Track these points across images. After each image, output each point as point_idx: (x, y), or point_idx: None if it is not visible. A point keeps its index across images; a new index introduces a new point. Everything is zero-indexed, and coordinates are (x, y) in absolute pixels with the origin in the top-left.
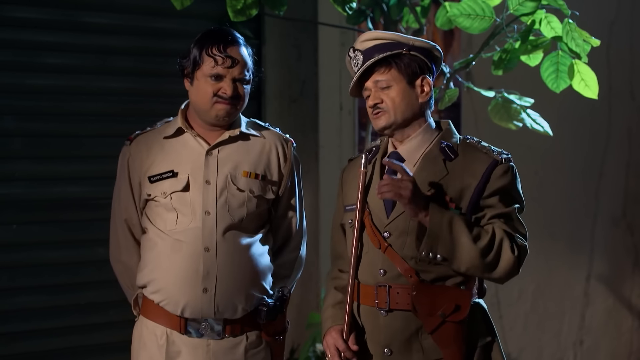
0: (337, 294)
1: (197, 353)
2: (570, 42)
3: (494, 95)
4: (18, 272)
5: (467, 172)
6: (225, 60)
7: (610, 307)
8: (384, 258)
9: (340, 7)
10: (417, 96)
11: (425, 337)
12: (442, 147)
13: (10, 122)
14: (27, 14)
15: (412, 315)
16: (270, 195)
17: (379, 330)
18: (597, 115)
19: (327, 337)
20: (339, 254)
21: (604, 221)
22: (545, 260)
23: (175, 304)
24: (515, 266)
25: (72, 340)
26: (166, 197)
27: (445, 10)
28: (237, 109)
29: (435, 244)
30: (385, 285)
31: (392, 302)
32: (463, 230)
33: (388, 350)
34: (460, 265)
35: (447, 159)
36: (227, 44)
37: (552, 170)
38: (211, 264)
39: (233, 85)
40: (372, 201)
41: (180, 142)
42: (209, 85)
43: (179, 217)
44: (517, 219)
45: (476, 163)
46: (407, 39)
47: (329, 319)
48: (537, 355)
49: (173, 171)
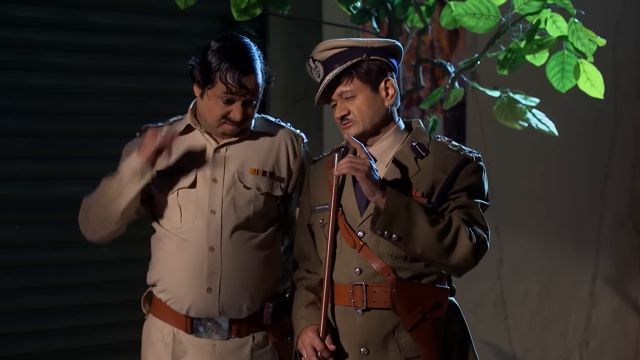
0: (308, 294)
1: (203, 353)
2: (576, 42)
3: (499, 95)
4: (21, 272)
5: (438, 168)
6: (239, 90)
7: (616, 308)
8: (359, 257)
9: (345, 6)
10: (382, 100)
11: (402, 335)
12: (413, 146)
13: (13, 122)
14: (30, 13)
15: (389, 313)
16: (278, 192)
17: (354, 329)
18: (602, 115)
19: (303, 336)
20: (306, 255)
21: (610, 221)
22: (550, 260)
23: (181, 303)
24: (472, 254)
25: (75, 340)
26: (173, 192)
27: (450, 10)
28: (244, 127)
29: (391, 223)
30: (361, 284)
31: (369, 300)
32: (420, 212)
33: (365, 349)
34: (417, 246)
35: (418, 157)
36: (243, 72)
37: (558, 170)
38: (215, 264)
39: (243, 109)
40: (345, 201)
41: (190, 139)
42: (219, 107)
43: (183, 214)
44: (479, 213)
45: (448, 160)
46: (365, 42)
47: (303, 318)
48: (543, 356)
49: (182, 168)
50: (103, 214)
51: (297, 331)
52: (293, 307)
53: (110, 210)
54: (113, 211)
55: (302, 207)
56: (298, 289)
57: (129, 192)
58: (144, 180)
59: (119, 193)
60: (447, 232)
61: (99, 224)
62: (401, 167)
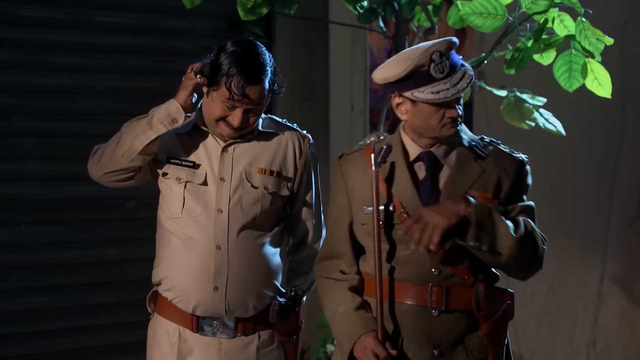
0: (354, 297)
1: (209, 352)
2: (583, 41)
3: (506, 94)
4: (28, 272)
5: (500, 169)
6: (242, 98)
7: (623, 308)
8: (433, 258)
9: (352, 5)
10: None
11: (471, 337)
12: (472, 147)
13: (21, 122)
14: (38, 13)
15: (462, 315)
16: (285, 191)
17: (429, 329)
18: (610, 115)
19: (363, 343)
20: (338, 254)
21: (618, 221)
22: (558, 260)
23: (187, 302)
24: (542, 259)
25: (82, 340)
26: (181, 182)
27: (457, 9)
28: (243, 132)
29: (481, 234)
30: (442, 285)
31: (451, 302)
32: (501, 220)
33: (438, 351)
34: (502, 254)
35: (478, 158)
36: (248, 82)
37: (565, 170)
38: (222, 262)
39: (244, 116)
40: (405, 200)
41: (199, 137)
42: (220, 109)
43: (186, 206)
44: (534, 216)
45: (506, 162)
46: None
47: (358, 324)
48: (550, 356)
49: (194, 163)
50: (120, 150)
51: (352, 336)
52: (331, 308)
53: (128, 145)
54: (130, 147)
55: (339, 207)
56: (336, 289)
57: (152, 133)
58: (175, 125)
59: (142, 131)
60: (527, 239)
61: (111, 159)
62: (465, 169)
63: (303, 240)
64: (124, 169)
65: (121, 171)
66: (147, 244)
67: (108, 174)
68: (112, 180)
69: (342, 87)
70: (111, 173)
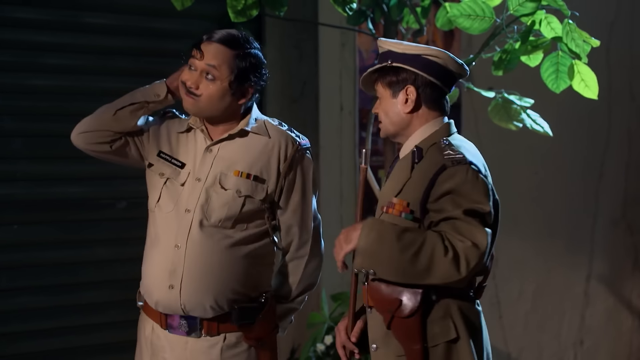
0: None
1: (177, 349)
2: (570, 43)
3: (494, 95)
4: (18, 272)
5: (422, 176)
6: (197, 52)
7: (610, 308)
8: None
9: (341, 7)
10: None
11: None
12: (413, 151)
13: (11, 123)
14: (28, 15)
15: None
16: (260, 195)
17: (368, 326)
18: (596, 116)
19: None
20: None
21: (604, 221)
22: (545, 260)
23: (151, 298)
24: (454, 268)
25: (72, 340)
26: (162, 178)
27: (445, 11)
28: (199, 106)
29: (364, 262)
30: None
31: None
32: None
33: (374, 346)
34: (391, 276)
35: (414, 163)
36: (208, 39)
37: (552, 171)
38: (178, 262)
39: (198, 78)
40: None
41: (194, 137)
42: (186, 73)
43: (161, 201)
44: (466, 222)
45: (431, 167)
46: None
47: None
48: (537, 355)
49: (182, 163)
50: (98, 113)
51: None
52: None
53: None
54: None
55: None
56: None
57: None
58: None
59: (123, 100)
60: (419, 255)
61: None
62: (397, 174)
63: (288, 245)
64: (96, 130)
65: (95, 132)
66: (138, 244)
67: (83, 133)
68: (87, 142)
69: (332, 88)
70: (85, 133)
